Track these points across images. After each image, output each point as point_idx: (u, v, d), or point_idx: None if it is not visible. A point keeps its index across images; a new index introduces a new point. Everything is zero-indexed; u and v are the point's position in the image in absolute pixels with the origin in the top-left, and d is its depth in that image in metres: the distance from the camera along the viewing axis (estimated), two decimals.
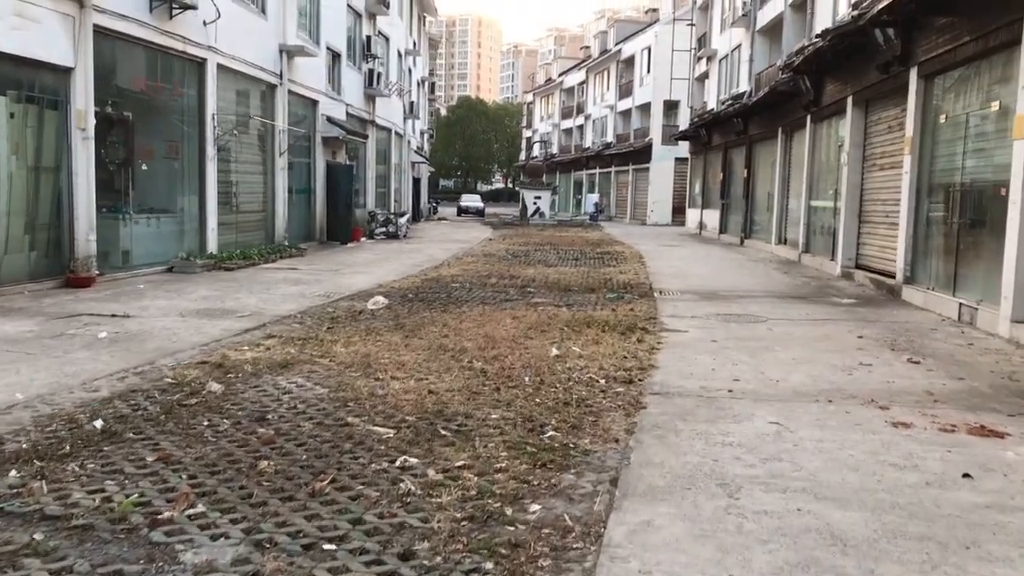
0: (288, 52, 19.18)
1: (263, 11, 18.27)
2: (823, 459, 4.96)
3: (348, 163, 24.60)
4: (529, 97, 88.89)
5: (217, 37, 15.64)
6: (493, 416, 5.70)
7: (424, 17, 45.06)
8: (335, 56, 23.90)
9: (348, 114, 25.19)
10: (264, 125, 18.75)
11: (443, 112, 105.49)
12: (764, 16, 27.10)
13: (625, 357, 7.85)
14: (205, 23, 15.10)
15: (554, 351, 7.94)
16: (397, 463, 4.69)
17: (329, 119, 22.52)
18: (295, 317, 10.03)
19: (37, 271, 11.72)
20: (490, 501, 4.12)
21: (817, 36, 15.90)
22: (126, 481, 4.33)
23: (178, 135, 15.35)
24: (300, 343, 8.21)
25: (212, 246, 15.86)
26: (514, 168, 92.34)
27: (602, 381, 6.86)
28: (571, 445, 5.09)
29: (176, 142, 15.30)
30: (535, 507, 4.07)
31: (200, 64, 15.36)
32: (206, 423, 5.47)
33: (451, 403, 6.00)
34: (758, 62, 27.62)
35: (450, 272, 15.83)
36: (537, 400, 6.15)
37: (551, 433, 5.32)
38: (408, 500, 4.13)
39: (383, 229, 26.80)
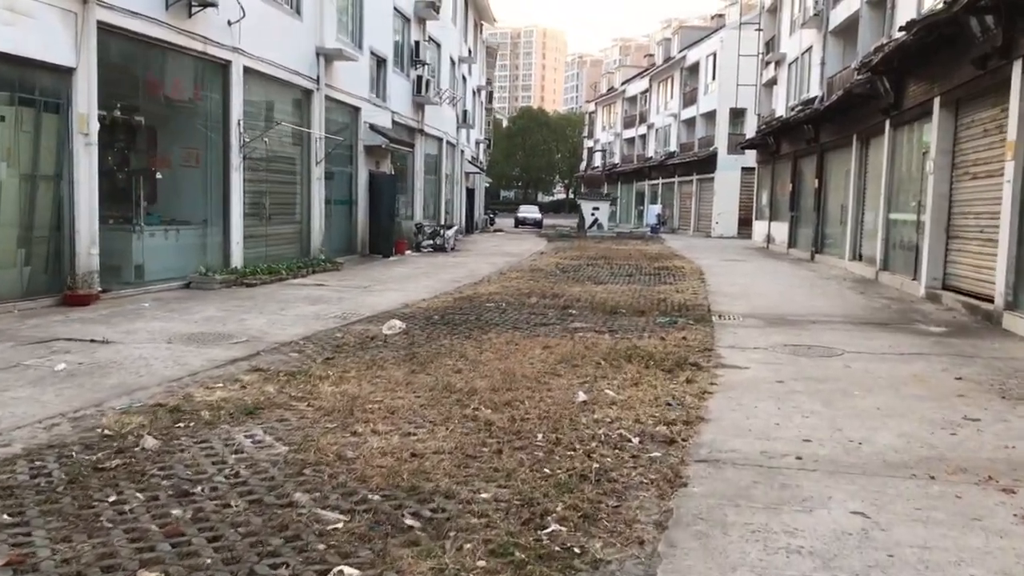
0: (326, 55, 18.19)
1: (298, 12, 17.32)
2: None
3: (392, 173, 23.57)
4: (591, 107, 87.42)
5: (244, 38, 14.70)
6: (483, 496, 4.36)
7: (481, 25, 44.08)
8: (380, 61, 22.90)
9: (394, 122, 24.16)
10: (298, 132, 17.78)
11: (504, 123, 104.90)
12: (837, 16, 25.24)
13: (668, 404, 6.43)
14: (230, 23, 14.15)
15: (581, 396, 6.56)
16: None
17: (372, 127, 21.49)
18: (296, 344, 8.86)
19: (34, 288, 10.82)
20: None
21: (901, 29, 14.20)
22: None
23: (200, 142, 14.42)
24: (284, 380, 7.00)
25: (237, 260, 14.88)
26: (575, 179, 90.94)
27: (635, 440, 5.46)
28: (577, 550, 3.72)
29: (197, 149, 14.37)
30: None
31: (224, 66, 14.41)
32: (113, 498, 4.26)
33: (434, 473, 4.69)
34: (830, 65, 25.76)
35: (488, 290, 14.55)
36: (546, 470, 4.80)
37: (554, 528, 3.95)
38: None
39: (430, 242, 25.70)
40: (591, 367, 7.77)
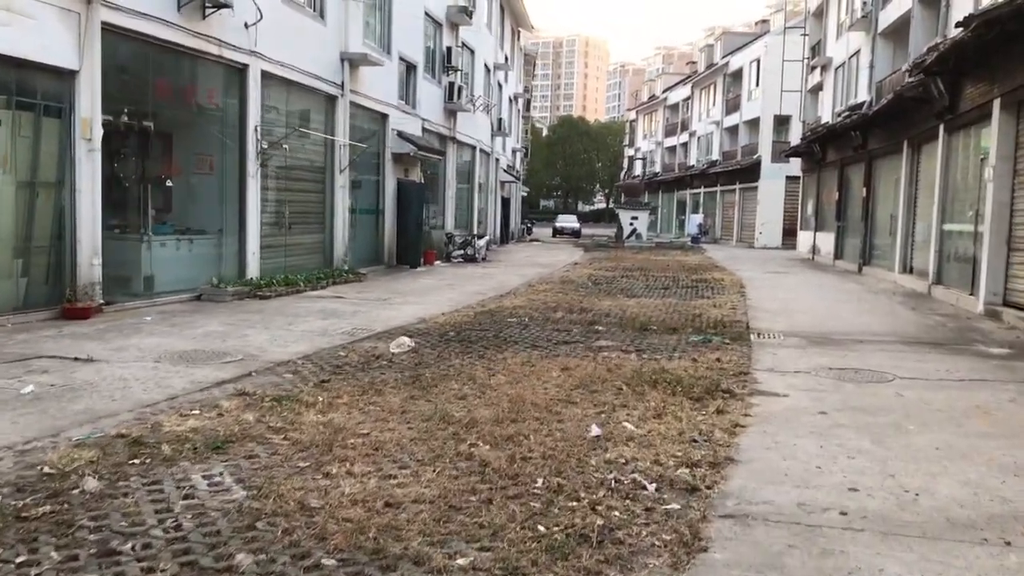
0: (351, 60, 17.65)
1: (321, 15, 16.81)
2: None
3: (421, 182, 22.99)
4: (632, 115, 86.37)
5: (263, 41, 14.19)
6: (459, 562, 3.64)
7: (519, 32, 43.48)
8: (410, 67, 22.36)
9: (424, 129, 23.60)
10: (321, 139, 17.26)
11: (544, 132, 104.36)
12: (887, 16, 24.11)
13: (694, 441, 5.65)
14: (247, 25, 13.65)
15: (594, 430, 5.80)
16: None
17: (400, 134, 20.93)
18: (293, 364, 8.22)
19: (31, 300, 10.35)
20: None
21: (957, 25, 13.21)
22: None
23: (215, 148, 13.94)
24: (268, 406, 6.35)
25: (253, 271, 14.36)
26: (615, 188, 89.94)
27: (651, 487, 4.69)
28: None
29: (210, 156, 13.88)
30: None
31: (241, 70, 13.90)
32: (22, 559, 3.62)
33: (407, 529, 3.98)
34: (879, 68, 24.61)
35: (513, 303, 13.83)
36: (541, 527, 4.06)
37: None
38: None
39: (461, 252, 25.08)
40: (611, 393, 7.02)
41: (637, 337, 10.41)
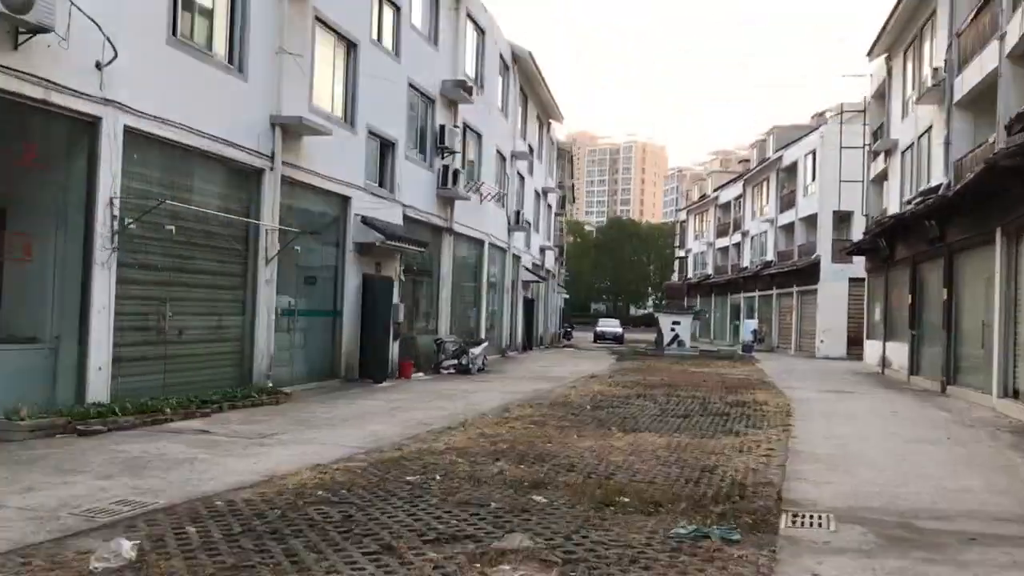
0: (283, 127, 14.17)
1: (239, 69, 13.37)
2: None
3: (400, 278, 19.27)
4: (683, 215, 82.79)
5: (134, 90, 10.78)
6: None
7: (548, 123, 40.39)
8: (385, 144, 18.90)
9: (408, 218, 19.94)
10: (237, 222, 13.61)
11: (594, 234, 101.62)
12: (965, 83, 19.99)
13: None
14: (99, 65, 10.26)
15: None
16: None
17: (365, 220, 17.27)
18: None
19: None
20: None
21: None
22: None
23: (43, 227, 10.33)
24: None
25: (99, 392, 10.46)
26: (664, 290, 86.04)
27: None
28: None
29: (27, 236, 10.23)
30: None
31: (90, 124, 10.40)
32: None
33: None
34: (957, 145, 20.37)
35: (449, 442, 9.73)
36: None
37: None
38: None
39: (453, 362, 21.08)
40: None
41: (583, 527, 6.16)
